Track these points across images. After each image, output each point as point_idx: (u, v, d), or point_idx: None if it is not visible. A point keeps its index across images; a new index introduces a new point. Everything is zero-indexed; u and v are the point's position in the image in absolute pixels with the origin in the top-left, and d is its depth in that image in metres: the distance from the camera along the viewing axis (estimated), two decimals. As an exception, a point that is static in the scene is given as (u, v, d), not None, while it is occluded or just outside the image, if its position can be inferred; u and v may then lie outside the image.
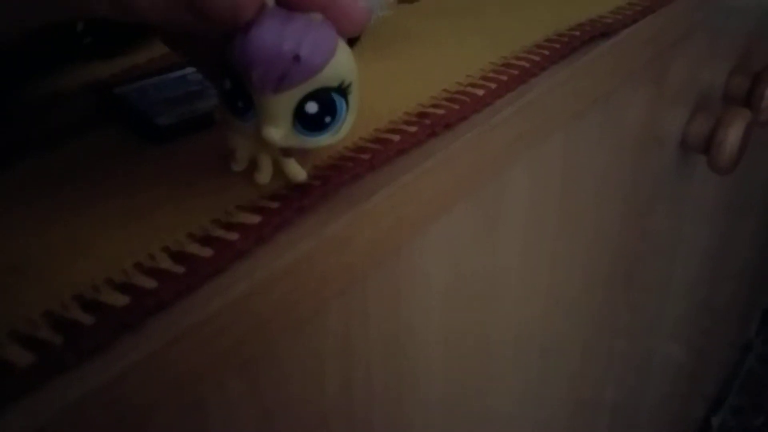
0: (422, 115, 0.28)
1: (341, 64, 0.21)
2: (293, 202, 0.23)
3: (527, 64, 0.32)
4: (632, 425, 0.78)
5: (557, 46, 0.34)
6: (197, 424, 0.22)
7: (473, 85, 0.31)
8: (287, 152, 0.23)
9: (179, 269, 0.20)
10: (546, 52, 0.33)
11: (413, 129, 0.27)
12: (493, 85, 0.31)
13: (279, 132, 0.21)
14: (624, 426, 0.75)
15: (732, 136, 0.54)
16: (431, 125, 0.27)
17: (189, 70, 0.31)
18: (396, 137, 0.26)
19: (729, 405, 1.16)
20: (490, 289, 0.37)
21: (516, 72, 0.32)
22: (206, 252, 0.21)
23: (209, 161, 0.25)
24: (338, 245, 0.23)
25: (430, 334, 0.33)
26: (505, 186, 0.34)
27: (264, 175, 0.24)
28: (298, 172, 0.23)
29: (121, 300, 0.19)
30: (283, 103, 0.21)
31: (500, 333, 0.40)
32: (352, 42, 0.35)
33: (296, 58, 0.20)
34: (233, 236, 0.21)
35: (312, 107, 0.21)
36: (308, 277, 0.22)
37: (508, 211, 0.35)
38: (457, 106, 0.29)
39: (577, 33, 0.35)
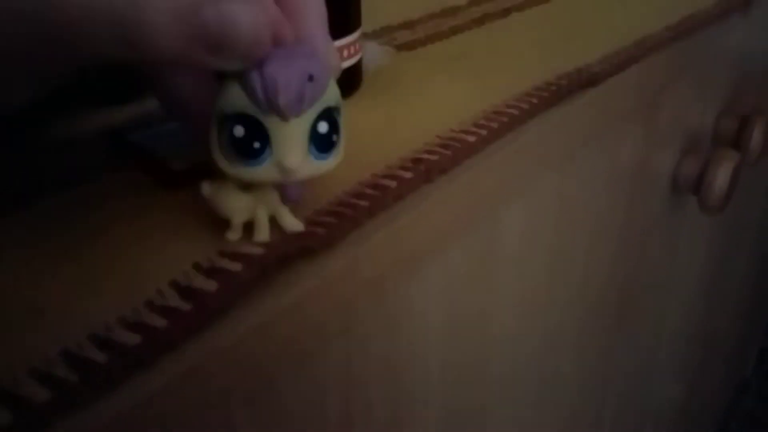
0: (417, 161, 0.30)
1: (333, 84, 0.24)
2: (296, 240, 0.24)
3: (516, 112, 0.34)
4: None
5: (545, 94, 0.36)
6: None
7: (465, 132, 0.32)
8: (284, 199, 0.25)
9: (187, 306, 0.21)
10: (534, 101, 0.35)
11: (409, 175, 0.29)
12: (484, 132, 0.32)
13: (300, 159, 0.23)
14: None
15: (721, 177, 0.56)
16: (426, 171, 0.29)
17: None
18: (393, 183, 0.28)
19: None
20: (485, 326, 0.38)
21: (506, 119, 0.33)
22: (211, 285, 0.22)
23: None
24: (338, 283, 0.24)
25: (429, 369, 0.34)
26: (501, 224, 0.36)
27: (264, 233, 0.25)
28: (295, 223, 0.25)
29: (133, 338, 0.20)
30: (301, 127, 0.23)
31: (496, 369, 0.41)
32: (352, 90, 0.37)
33: (311, 77, 0.22)
34: (236, 266, 0.23)
35: (323, 126, 0.23)
36: (310, 315, 0.24)
37: (504, 248, 0.37)
38: (449, 153, 0.30)
39: (565, 82, 0.37)
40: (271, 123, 0.22)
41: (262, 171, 0.23)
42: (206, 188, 0.24)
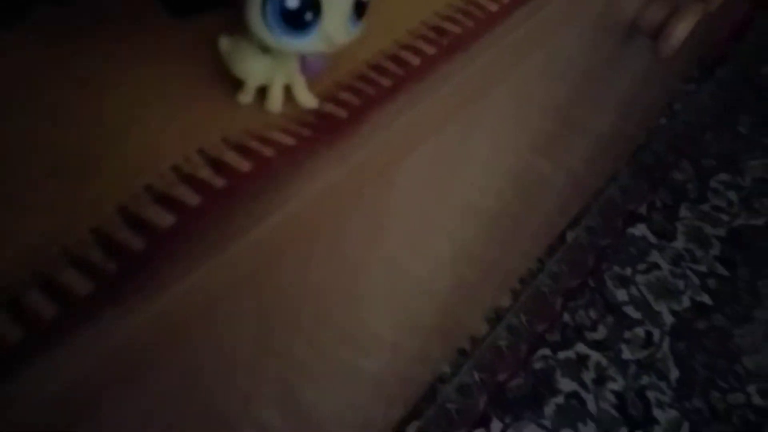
0: (440, 31, 0.28)
1: None
2: (323, 135, 0.24)
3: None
4: (510, 235, 0.87)
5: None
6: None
7: (488, -6, 0.31)
8: (304, 69, 0.24)
9: (220, 182, 0.21)
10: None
11: (432, 51, 0.27)
12: (505, -1, 0.31)
13: (346, 29, 0.22)
14: (507, 233, 0.83)
15: (681, 28, 0.56)
16: (448, 47, 0.28)
17: None
18: (416, 60, 0.27)
19: (584, 224, 1.30)
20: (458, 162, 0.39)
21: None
22: (245, 166, 0.22)
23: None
24: (358, 171, 0.25)
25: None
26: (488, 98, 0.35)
27: (276, 103, 0.24)
28: (309, 99, 0.24)
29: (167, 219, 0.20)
30: None
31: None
32: None
33: None
34: (269, 152, 0.22)
35: None
36: (331, 202, 0.24)
37: (483, 121, 0.37)
38: (471, 23, 0.29)
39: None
40: None
41: (309, 43, 0.22)
42: (224, 43, 0.23)
